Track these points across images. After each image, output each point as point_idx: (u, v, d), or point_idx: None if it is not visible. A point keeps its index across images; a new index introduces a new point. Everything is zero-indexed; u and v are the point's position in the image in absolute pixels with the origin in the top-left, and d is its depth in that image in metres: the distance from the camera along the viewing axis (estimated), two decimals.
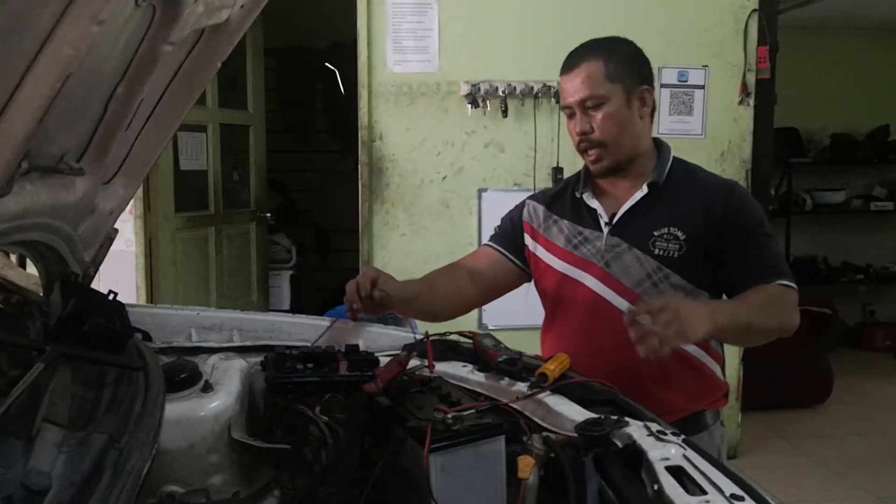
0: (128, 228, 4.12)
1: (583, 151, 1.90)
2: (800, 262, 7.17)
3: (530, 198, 2.10)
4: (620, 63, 1.85)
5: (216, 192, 4.84)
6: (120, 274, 4.14)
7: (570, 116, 1.90)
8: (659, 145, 1.97)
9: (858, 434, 5.03)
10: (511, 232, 2.08)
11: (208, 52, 1.46)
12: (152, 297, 4.22)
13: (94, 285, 4.08)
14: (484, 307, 4.22)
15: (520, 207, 2.10)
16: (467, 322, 4.14)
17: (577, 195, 1.98)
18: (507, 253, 2.06)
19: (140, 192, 4.11)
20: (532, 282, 2.08)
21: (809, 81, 6.82)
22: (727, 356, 2.02)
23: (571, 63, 1.88)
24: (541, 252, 2.01)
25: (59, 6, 0.82)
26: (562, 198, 2.03)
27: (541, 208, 2.04)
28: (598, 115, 1.84)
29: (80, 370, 1.17)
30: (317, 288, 6.44)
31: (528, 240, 2.04)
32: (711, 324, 1.60)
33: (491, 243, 2.11)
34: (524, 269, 2.06)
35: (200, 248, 4.69)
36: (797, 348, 5.24)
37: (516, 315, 2.48)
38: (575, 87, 1.85)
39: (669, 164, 1.93)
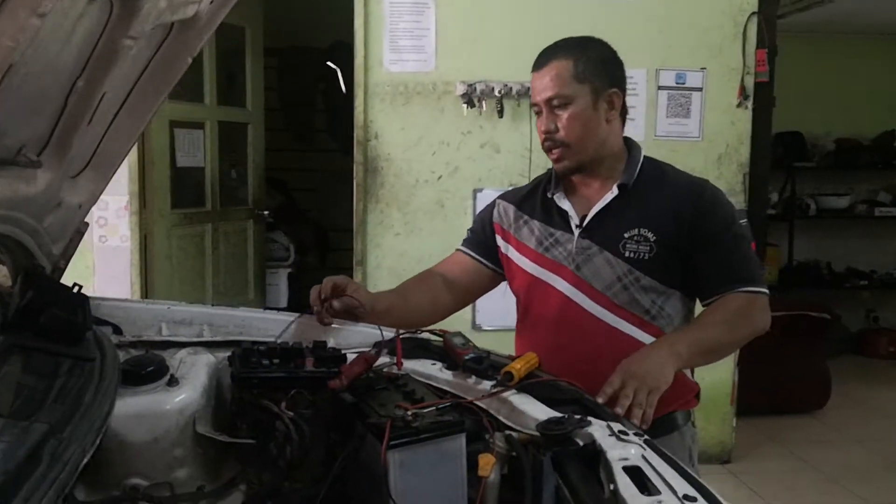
0: (123, 224, 4.15)
1: (547, 150, 1.90)
2: (803, 267, 7.16)
3: (500, 197, 2.09)
4: (590, 64, 1.85)
5: (213, 190, 4.85)
6: (115, 269, 4.17)
7: (538, 114, 1.89)
8: (630, 146, 1.96)
9: (856, 440, 5.01)
10: (482, 234, 2.08)
11: (178, 47, 1.47)
12: (147, 292, 4.24)
13: (89, 279, 4.10)
14: (478, 308, 4.24)
15: (490, 208, 2.09)
16: (462, 322, 4.17)
17: (549, 195, 1.96)
18: (479, 257, 2.06)
19: (135, 188, 4.14)
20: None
21: (814, 85, 6.81)
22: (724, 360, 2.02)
23: (542, 61, 1.87)
24: (512, 253, 2.00)
25: None
26: (532, 197, 2.02)
27: (511, 208, 2.03)
28: (564, 115, 1.84)
29: (34, 361, 1.18)
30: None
31: (499, 241, 2.03)
32: (675, 361, 1.65)
33: (463, 248, 2.10)
34: (498, 270, 2.05)
35: (196, 245, 4.71)
36: (795, 353, 5.24)
37: (511, 315, 2.48)
38: (543, 86, 1.85)
39: (640, 164, 1.92)
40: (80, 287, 1.42)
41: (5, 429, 0.96)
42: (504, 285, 2.10)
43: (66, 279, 1.63)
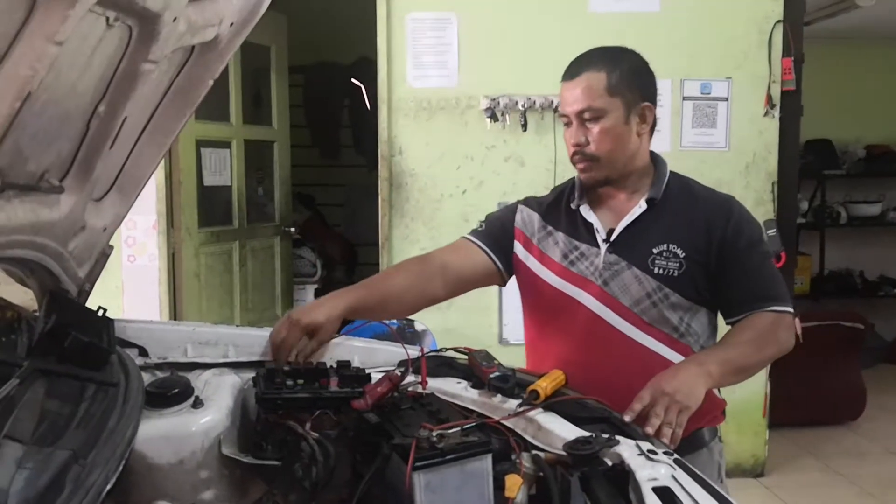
0: (151, 243, 4.19)
1: (576, 162, 1.86)
2: (835, 276, 7.06)
3: (523, 203, 2.03)
4: (624, 76, 1.80)
5: (240, 207, 4.88)
6: (144, 288, 4.20)
7: (567, 125, 1.85)
8: (655, 160, 1.93)
9: (893, 452, 4.91)
10: (500, 233, 2.00)
11: (199, 70, 1.47)
12: (175, 311, 4.26)
13: (118, 298, 4.12)
14: (504, 322, 4.23)
15: (511, 211, 2.03)
16: (488, 337, 4.15)
17: (573, 206, 1.92)
18: (489, 251, 1.98)
19: (163, 207, 4.18)
20: (504, 286, 2.03)
21: (843, 92, 6.74)
22: None
23: (573, 71, 1.82)
24: (533, 264, 1.95)
25: (12, 28, 0.83)
26: (556, 207, 1.97)
27: (535, 216, 1.97)
28: (595, 129, 1.79)
29: (58, 386, 1.18)
30: None
31: (518, 248, 1.98)
32: (707, 380, 1.62)
33: (474, 239, 2.01)
34: (503, 272, 1.99)
35: (224, 263, 4.73)
36: (829, 363, 5.16)
37: None
38: (574, 97, 1.80)
39: (666, 179, 1.89)
40: (105, 310, 1.42)
41: (28, 456, 0.97)
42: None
43: (96, 298, 1.65)
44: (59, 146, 1.19)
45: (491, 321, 4.23)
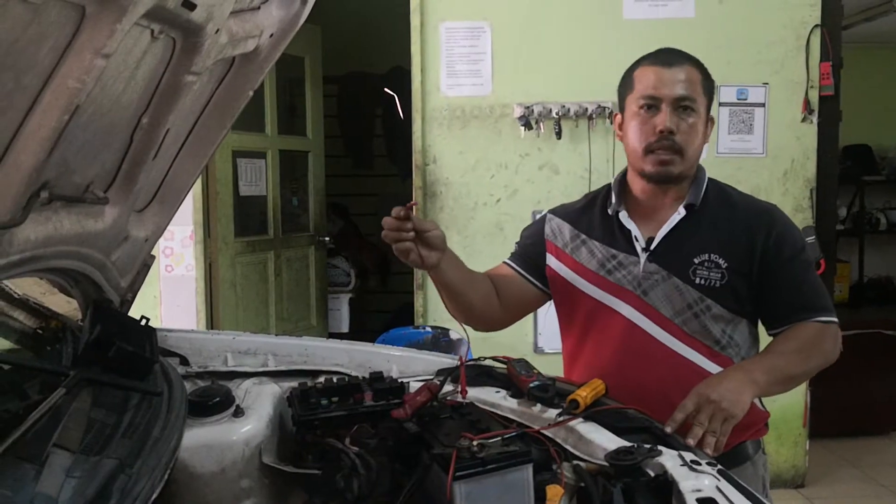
0: (188, 253, 4.23)
1: (655, 150, 1.77)
2: (874, 283, 6.97)
3: (552, 212, 1.99)
4: (708, 81, 1.81)
5: (275, 217, 4.92)
6: (181, 298, 4.24)
7: (649, 108, 1.77)
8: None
9: None
10: (532, 250, 1.98)
11: (239, 81, 1.49)
12: (212, 320, 4.30)
13: (155, 308, 4.17)
14: (539, 331, 4.20)
15: (540, 224, 2.00)
16: (523, 346, 4.12)
17: (610, 212, 1.88)
18: (525, 274, 1.96)
19: (200, 217, 4.22)
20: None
21: (882, 97, 6.66)
22: None
23: (671, 59, 1.78)
24: (567, 273, 1.91)
25: (62, 41, 0.84)
26: (588, 214, 1.93)
27: (566, 226, 1.93)
28: (687, 121, 1.76)
29: (103, 395, 1.20)
30: (377, 310, 6.49)
31: (551, 259, 1.94)
32: (753, 389, 1.59)
33: (511, 262, 2.00)
34: (545, 290, 1.96)
35: (260, 272, 4.77)
36: (869, 372, 5.06)
37: None
38: (675, 81, 1.75)
39: (705, 185, 1.85)
40: (148, 320, 1.44)
41: (76, 464, 0.98)
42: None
43: (134, 308, 1.67)
44: (104, 158, 1.21)
45: (526, 330, 4.20)
